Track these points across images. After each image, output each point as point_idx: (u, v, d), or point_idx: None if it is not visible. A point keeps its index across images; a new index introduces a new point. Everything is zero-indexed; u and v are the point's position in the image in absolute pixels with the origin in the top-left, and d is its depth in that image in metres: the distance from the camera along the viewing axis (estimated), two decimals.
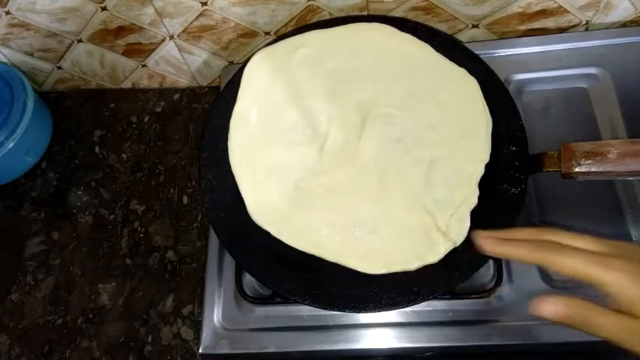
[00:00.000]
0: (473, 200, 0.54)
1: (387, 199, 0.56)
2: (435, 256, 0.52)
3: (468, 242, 0.50)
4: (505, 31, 0.72)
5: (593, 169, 0.51)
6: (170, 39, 0.73)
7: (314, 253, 0.54)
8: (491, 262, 0.58)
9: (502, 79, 0.66)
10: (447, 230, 0.53)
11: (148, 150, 0.78)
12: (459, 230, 0.53)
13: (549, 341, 0.54)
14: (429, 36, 0.62)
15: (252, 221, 0.56)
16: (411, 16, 0.70)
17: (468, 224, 0.53)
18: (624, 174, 0.51)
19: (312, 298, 0.52)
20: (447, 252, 0.52)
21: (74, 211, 0.75)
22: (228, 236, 0.56)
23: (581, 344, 0.53)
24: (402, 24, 0.63)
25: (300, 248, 0.55)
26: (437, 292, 0.52)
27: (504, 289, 0.57)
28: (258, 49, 0.64)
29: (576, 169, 0.51)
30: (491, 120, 0.57)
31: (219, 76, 0.79)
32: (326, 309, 0.53)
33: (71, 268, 0.71)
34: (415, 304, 0.52)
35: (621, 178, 0.52)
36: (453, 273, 0.52)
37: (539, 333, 0.55)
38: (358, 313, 0.55)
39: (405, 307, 0.52)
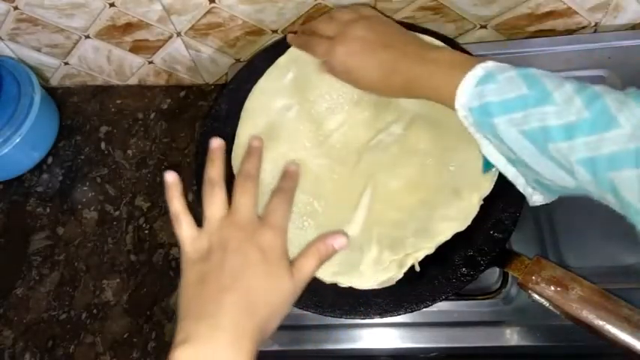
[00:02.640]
0: (418, 255, 0.52)
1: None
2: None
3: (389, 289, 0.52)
4: (513, 32, 0.72)
5: (546, 295, 0.48)
6: (177, 36, 0.73)
7: None
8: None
9: None
10: (388, 266, 0.52)
11: (153, 147, 0.78)
12: (394, 272, 0.52)
13: (555, 343, 0.54)
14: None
15: None
16: (419, 16, 0.69)
17: (400, 275, 0.52)
18: (573, 319, 0.47)
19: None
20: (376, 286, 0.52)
21: (79, 206, 0.75)
22: None
23: (587, 347, 0.53)
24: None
25: None
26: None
27: (510, 290, 0.57)
28: None
29: (531, 285, 0.48)
30: (489, 190, 0.53)
31: (226, 74, 0.79)
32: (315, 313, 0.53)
33: (76, 264, 0.71)
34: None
35: (570, 321, 0.48)
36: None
37: (545, 334, 0.55)
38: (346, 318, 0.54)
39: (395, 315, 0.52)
